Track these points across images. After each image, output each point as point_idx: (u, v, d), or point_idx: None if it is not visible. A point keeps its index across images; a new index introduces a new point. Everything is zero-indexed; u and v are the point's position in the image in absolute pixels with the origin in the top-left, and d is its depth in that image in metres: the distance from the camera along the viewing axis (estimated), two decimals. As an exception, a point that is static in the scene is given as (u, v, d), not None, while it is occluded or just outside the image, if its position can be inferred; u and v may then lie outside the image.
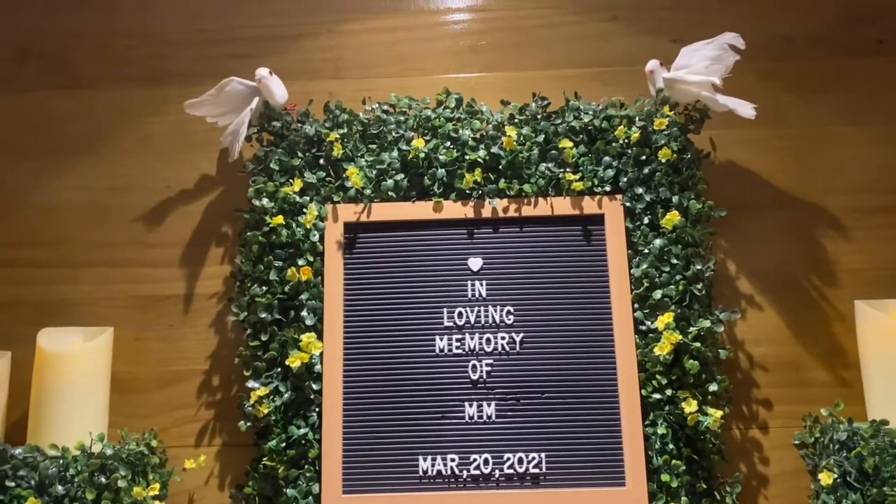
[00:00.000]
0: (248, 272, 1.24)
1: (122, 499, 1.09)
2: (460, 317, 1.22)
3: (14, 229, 1.34)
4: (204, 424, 1.27)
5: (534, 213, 1.24)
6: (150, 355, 1.29)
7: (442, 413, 1.18)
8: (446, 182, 1.26)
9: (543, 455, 1.16)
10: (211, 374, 1.29)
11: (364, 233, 1.25)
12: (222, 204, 1.34)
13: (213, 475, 1.25)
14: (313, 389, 1.19)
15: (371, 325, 1.22)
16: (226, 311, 1.30)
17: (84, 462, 1.08)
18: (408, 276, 1.23)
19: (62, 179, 1.37)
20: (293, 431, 1.17)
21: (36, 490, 1.05)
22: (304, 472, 1.17)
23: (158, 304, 1.31)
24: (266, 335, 1.21)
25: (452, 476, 1.16)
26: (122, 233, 1.34)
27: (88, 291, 1.32)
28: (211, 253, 1.33)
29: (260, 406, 1.17)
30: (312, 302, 1.22)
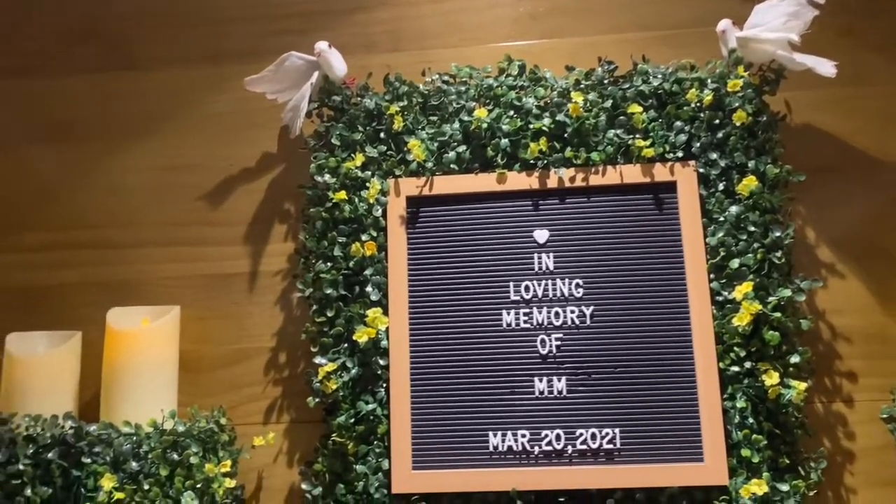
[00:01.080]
0: (312, 248, 1.23)
1: (194, 475, 1.09)
2: (527, 291, 1.19)
3: (80, 211, 1.36)
4: (271, 402, 1.27)
5: (602, 182, 1.20)
6: (216, 334, 1.29)
7: (511, 388, 1.16)
8: (510, 152, 1.22)
9: (617, 430, 1.13)
10: (277, 352, 1.28)
11: (427, 206, 1.23)
12: (284, 181, 1.34)
13: (281, 452, 1.25)
14: (380, 365, 1.18)
15: (436, 300, 1.20)
16: (291, 288, 1.30)
17: (157, 439, 1.09)
18: (472, 250, 1.21)
19: (125, 161, 1.38)
20: (361, 407, 1.16)
21: (111, 466, 1.07)
22: (374, 447, 1.16)
23: (224, 282, 1.31)
24: (332, 311, 1.20)
25: (524, 452, 1.13)
26: (186, 212, 1.34)
27: (154, 271, 1.32)
28: (274, 230, 1.32)
29: (328, 382, 1.16)
30: (377, 277, 1.20)
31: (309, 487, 1.17)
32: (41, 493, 1.06)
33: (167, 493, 1.06)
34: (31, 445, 1.08)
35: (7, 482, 1.06)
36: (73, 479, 1.06)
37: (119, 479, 1.05)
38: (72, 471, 1.06)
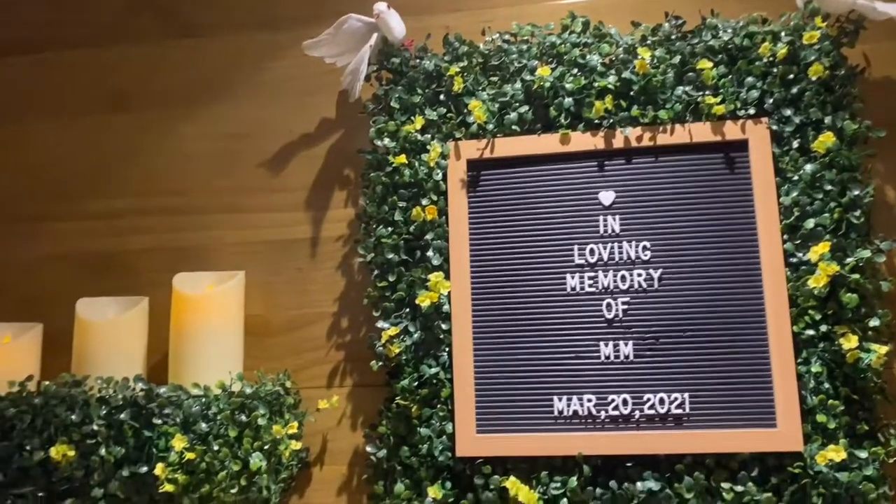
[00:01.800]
0: (372, 214, 1.22)
1: (262, 436, 1.11)
2: (592, 254, 1.16)
3: (144, 179, 1.38)
4: (334, 366, 1.28)
5: (670, 142, 1.16)
6: (279, 299, 1.30)
7: (576, 353, 1.14)
8: (574, 112, 1.19)
9: (686, 395, 1.10)
10: (339, 316, 1.29)
11: (487, 169, 1.21)
12: (344, 146, 1.33)
13: (345, 415, 1.26)
14: (442, 329, 1.17)
15: (498, 265, 1.18)
16: (352, 253, 1.30)
17: (225, 400, 1.10)
18: (535, 214, 1.18)
19: (186, 129, 1.39)
20: (424, 371, 1.16)
21: (181, 427, 1.08)
22: (437, 411, 1.15)
23: (286, 248, 1.32)
24: (393, 276, 1.19)
25: (589, 416, 1.12)
26: (247, 179, 1.35)
27: (218, 237, 1.34)
28: (335, 196, 1.32)
29: (390, 346, 1.16)
30: (438, 242, 1.19)
31: (373, 450, 1.18)
32: (115, 452, 1.08)
33: (236, 453, 1.08)
34: (103, 407, 1.10)
35: (82, 441, 1.09)
36: (144, 440, 1.09)
37: (189, 439, 1.07)
38: (143, 431, 1.09)
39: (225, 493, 1.06)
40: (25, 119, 1.43)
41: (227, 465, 1.06)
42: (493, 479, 1.11)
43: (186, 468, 1.06)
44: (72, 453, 1.09)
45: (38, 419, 1.11)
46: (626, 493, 1.08)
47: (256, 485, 1.09)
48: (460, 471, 1.13)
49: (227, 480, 1.06)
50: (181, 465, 1.06)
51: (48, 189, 1.40)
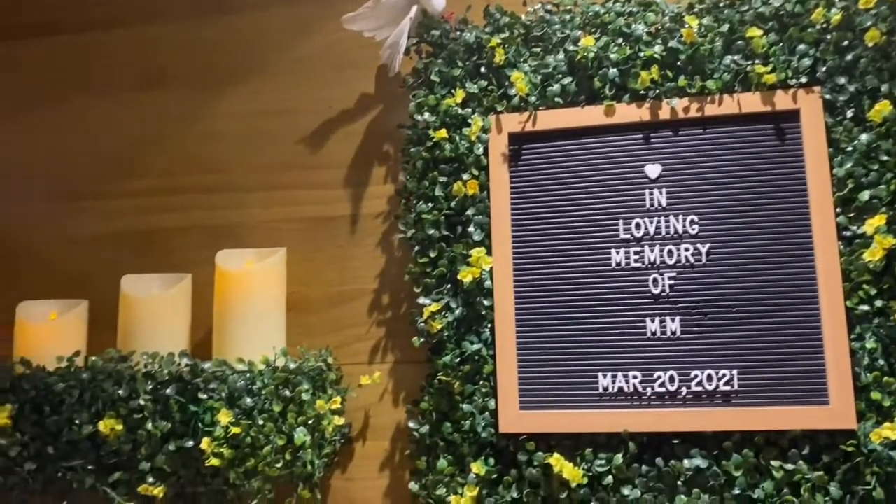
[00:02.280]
0: (413, 189, 1.21)
1: (305, 411, 1.11)
2: (638, 228, 1.14)
3: (185, 157, 1.38)
4: (376, 342, 1.27)
5: (718, 112, 1.13)
6: (320, 275, 1.30)
7: (621, 329, 1.12)
8: (619, 83, 1.16)
9: (735, 372, 1.08)
10: (380, 293, 1.28)
11: (530, 143, 1.19)
12: (383, 122, 1.32)
13: (387, 392, 1.26)
14: (484, 305, 1.16)
15: (541, 240, 1.16)
16: (392, 229, 1.29)
17: (269, 375, 1.11)
18: (578, 188, 1.16)
19: (224, 106, 1.38)
20: (466, 347, 1.15)
21: (226, 402, 1.09)
22: (480, 387, 1.15)
23: (326, 225, 1.31)
24: (434, 252, 1.19)
25: (635, 393, 1.10)
26: (287, 156, 1.35)
27: (258, 215, 1.34)
28: (374, 172, 1.31)
29: (432, 322, 1.16)
30: (479, 217, 1.18)
31: (416, 426, 1.17)
32: (161, 427, 1.10)
33: (280, 428, 1.09)
34: (149, 382, 1.12)
35: (129, 416, 1.11)
36: (190, 414, 1.10)
37: (234, 414, 1.07)
38: (189, 406, 1.10)
39: (270, 468, 1.07)
40: (66, 99, 1.44)
41: (272, 439, 1.07)
42: (536, 456, 1.10)
43: (232, 442, 1.07)
44: (119, 427, 1.10)
45: (86, 394, 1.13)
46: (673, 471, 1.07)
47: (301, 459, 1.09)
48: (503, 447, 1.13)
49: (272, 455, 1.07)
50: (227, 440, 1.07)
51: (90, 168, 1.41)
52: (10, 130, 1.45)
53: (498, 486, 1.11)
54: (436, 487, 1.13)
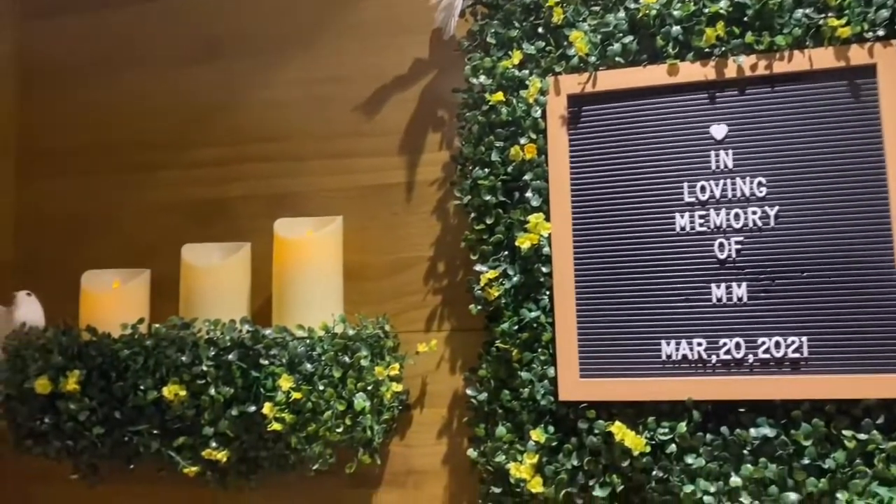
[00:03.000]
0: (469, 155, 1.20)
1: (365, 377, 1.11)
2: (703, 191, 1.10)
3: (242, 127, 1.39)
4: (432, 310, 1.27)
5: (788, 69, 1.08)
6: (376, 243, 1.30)
7: (685, 295, 1.09)
8: (682, 41, 1.12)
9: (804, 339, 1.04)
10: (436, 261, 1.28)
11: (589, 105, 1.16)
12: (437, 87, 1.30)
13: (443, 359, 1.25)
14: (543, 272, 1.14)
15: (601, 205, 1.14)
16: (447, 196, 1.28)
17: (329, 342, 1.11)
18: (640, 150, 1.13)
19: (278, 75, 1.38)
20: (524, 314, 1.14)
21: (287, 368, 1.10)
22: (538, 355, 1.13)
23: (382, 192, 1.31)
24: (491, 218, 1.17)
25: (700, 361, 1.07)
26: (341, 124, 1.34)
27: (315, 183, 1.34)
28: (429, 139, 1.30)
29: (489, 289, 1.14)
30: (537, 182, 1.16)
31: (474, 393, 1.17)
32: (224, 392, 1.11)
33: (340, 393, 1.09)
34: (212, 348, 1.13)
35: (193, 382, 1.13)
36: (252, 380, 1.11)
37: (295, 380, 1.08)
38: (251, 372, 1.11)
39: (331, 433, 1.07)
40: (128, 71, 1.46)
41: (332, 404, 1.07)
42: (597, 424, 1.08)
43: (293, 407, 1.08)
44: (183, 393, 1.12)
45: (150, 360, 1.15)
46: (739, 440, 1.04)
47: (361, 425, 1.10)
48: (563, 415, 1.11)
49: (332, 420, 1.07)
50: (288, 405, 1.08)
51: (150, 139, 1.42)
52: (75, 103, 1.47)
53: (558, 453, 1.10)
54: (495, 454, 1.13)
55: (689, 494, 1.04)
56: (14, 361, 1.19)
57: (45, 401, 1.17)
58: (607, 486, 1.07)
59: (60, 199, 1.45)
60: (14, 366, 1.19)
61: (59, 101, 1.48)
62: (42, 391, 1.15)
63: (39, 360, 1.17)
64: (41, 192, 1.47)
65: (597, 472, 1.08)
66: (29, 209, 1.47)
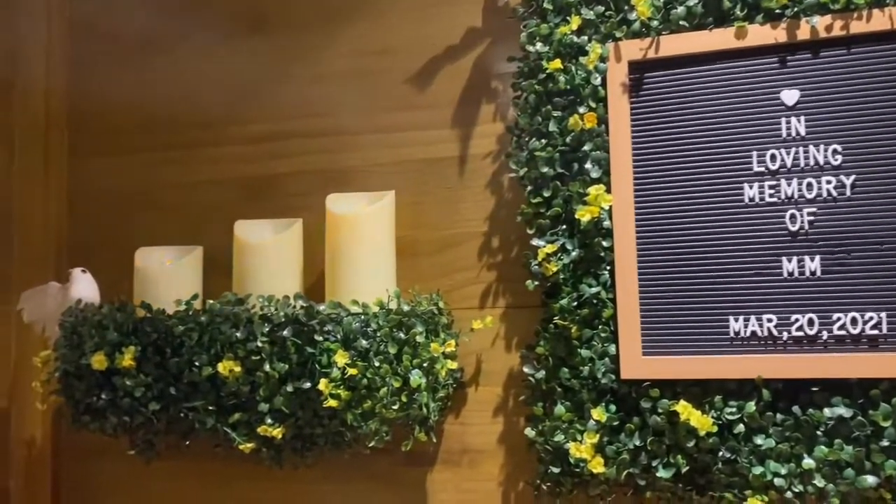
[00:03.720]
0: (525, 126, 1.16)
1: (420, 354, 1.09)
2: (773, 160, 1.05)
3: (291, 102, 1.37)
4: (487, 286, 1.24)
5: (866, 30, 1.02)
6: (429, 219, 1.27)
7: (755, 269, 1.04)
8: (751, 2, 1.07)
9: (883, 315, 0.99)
10: (491, 236, 1.24)
11: (652, 71, 1.11)
12: (491, 57, 1.26)
13: (499, 336, 1.22)
14: (603, 246, 1.10)
15: (665, 176, 1.09)
16: (502, 169, 1.24)
17: (384, 317, 1.09)
18: (707, 118, 1.08)
19: (327, 49, 1.35)
20: (584, 290, 1.10)
21: (342, 344, 1.08)
22: (599, 332, 1.10)
23: (434, 166, 1.28)
24: (548, 191, 1.13)
25: (770, 338, 1.03)
26: (392, 97, 1.31)
27: (365, 158, 1.32)
28: (483, 110, 1.26)
29: (547, 264, 1.11)
30: (597, 153, 1.12)
31: (531, 371, 1.14)
32: (278, 368, 1.10)
33: (396, 370, 1.07)
34: (266, 324, 1.12)
35: (247, 358, 1.12)
36: (307, 356, 1.09)
37: (350, 356, 1.06)
38: (306, 348, 1.09)
39: (387, 410, 1.05)
40: (175, 47, 1.44)
41: (388, 381, 1.05)
42: (661, 403, 1.05)
43: (348, 384, 1.06)
44: (238, 369, 1.11)
45: (204, 336, 1.14)
46: (812, 420, 0.99)
47: (416, 402, 1.07)
48: (625, 394, 1.08)
49: (388, 396, 1.05)
50: (343, 381, 1.06)
51: (201, 115, 1.41)
52: (125, 81, 1.47)
53: (619, 433, 1.07)
54: (553, 434, 1.10)
55: (759, 476, 1.00)
56: (70, 338, 1.20)
57: (101, 377, 1.17)
58: (671, 466, 1.04)
59: (114, 177, 1.45)
60: (70, 342, 1.19)
61: (110, 78, 1.48)
62: (98, 367, 1.15)
63: (95, 336, 1.17)
64: (95, 169, 1.47)
65: (660, 452, 1.04)
66: (83, 187, 1.47)
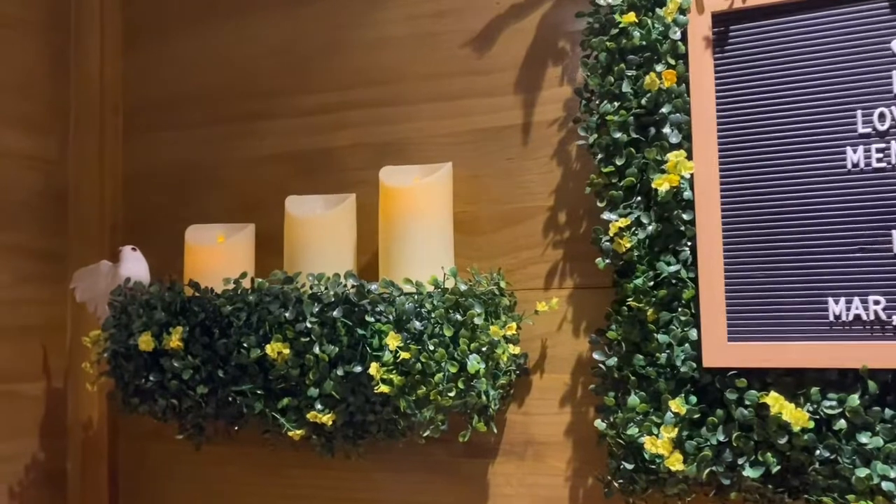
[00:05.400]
0: (595, 87, 1.06)
1: (478, 337, 1.00)
2: (882, 120, 0.92)
3: (346, 70, 1.29)
4: (552, 265, 1.14)
5: None
6: (489, 193, 1.18)
7: (859, 244, 0.91)
8: (857, -61, 0.94)
9: None
10: (556, 210, 1.15)
11: (738, 23, 0.99)
12: (556, 14, 1.16)
13: (565, 319, 1.13)
14: (683, 219, 0.99)
15: (754, 140, 0.97)
16: (569, 137, 1.14)
17: (439, 297, 1.01)
18: (801, 74, 0.95)
19: (384, 12, 1.27)
20: (661, 268, 0.99)
21: (394, 325, 1.01)
22: (678, 315, 0.99)
23: (495, 136, 1.19)
24: (622, 159, 1.03)
25: (877, 322, 0.90)
26: (450, 62, 1.22)
27: (422, 128, 1.23)
28: (548, 73, 1.16)
29: (620, 240, 1.01)
30: (676, 115, 1.00)
31: (602, 357, 1.04)
32: (329, 351, 1.03)
33: (452, 354, 0.99)
34: (315, 304, 1.05)
35: (297, 339, 1.05)
36: (358, 338, 1.02)
37: (403, 338, 0.99)
38: (357, 329, 1.02)
39: (443, 397, 0.97)
40: (227, 17, 1.38)
41: (443, 366, 0.97)
42: (749, 395, 0.93)
43: (401, 368, 0.98)
44: (286, 351, 1.05)
45: (253, 316, 1.08)
46: (927, 417, 0.87)
47: (475, 389, 0.99)
48: (707, 383, 0.97)
49: (444, 382, 0.97)
50: (396, 365, 0.99)
51: (254, 87, 1.35)
52: (177, 54, 1.42)
53: (701, 427, 0.96)
54: (626, 426, 1.00)
55: (863, 479, 0.88)
56: (119, 318, 1.16)
57: (149, 358, 1.13)
58: (760, 465, 0.93)
59: (166, 153, 1.41)
60: (120, 322, 1.15)
61: (162, 51, 1.43)
62: (145, 348, 1.10)
63: (143, 316, 1.13)
64: (147, 146, 1.43)
65: (747, 449, 0.93)
66: (135, 164, 1.44)
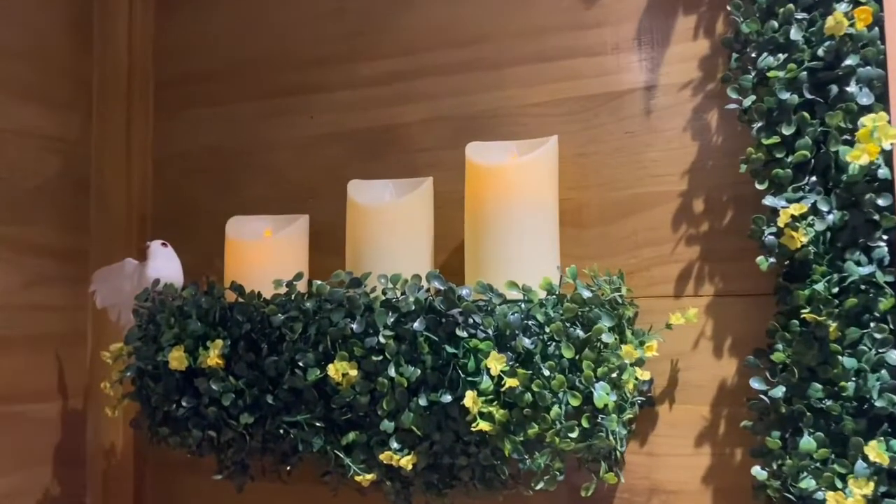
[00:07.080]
0: (750, 36, 0.82)
1: (607, 359, 0.77)
2: None
3: (414, 32, 1.07)
4: (685, 267, 0.91)
5: None
6: (601, 175, 0.95)
7: None
8: None
9: None
10: (690, 197, 0.91)
11: (956, -55, 0.75)
12: (691, -54, 0.93)
13: (703, 336, 0.89)
14: (877, 206, 0.76)
15: (978, 98, 0.73)
16: (708, 103, 0.90)
17: (554, 307, 0.77)
18: None
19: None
20: (849, 270, 0.75)
21: (495, 342, 0.78)
22: (871, 332, 0.75)
23: (608, 105, 0.95)
24: (791, 127, 0.79)
25: None
26: (552, 15, 0.99)
27: (516, 97, 1.00)
28: (678, 24, 0.93)
29: (793, 232, 0.76)
30: (867, 69, 0.77)
31: (762, 386, 0.80)
32: (407, 373, 0.81)
33: (573, 382, 0.75)
34: (391, 313, 0.83)
35: (366, 358, 0.83)
36: (447, 358, 0.79)
37: (507, 359, 0.76)
38: (445, 347, 0.79)
39: (561, 438, 0.74)
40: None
41: (562, 397, 0.74)
42: (984, 441, 0.69)
43: (506, 400, 0.75)
44: (353, 373, 0.83)
45: (310, 328, 0.86)
46: None
47: (603, 428, 0.75)
48: (918, 424, 0.72)
49: (562, 419, 0.74)
50: (498, 395, 0.75)
51: (305, 55, 1.13)
52: (214, 18, 1.21)
53: (909, 482, 0.72)
54: (798, 477, 0.76)
55: None
56: (146, 328, 0.95)
57: (182, 378, 0.91)
58: None
59: (203, 133, 1.20)
60: (146, 334, 0.94)
61: (198, 17, 1.22)
62: (177, 366, 0.89)
63: (175, 326, 0.92)
64: (181, 125, 1.22)
65: (981, 516, 0.68)
66: (167, 145, 1.23)
